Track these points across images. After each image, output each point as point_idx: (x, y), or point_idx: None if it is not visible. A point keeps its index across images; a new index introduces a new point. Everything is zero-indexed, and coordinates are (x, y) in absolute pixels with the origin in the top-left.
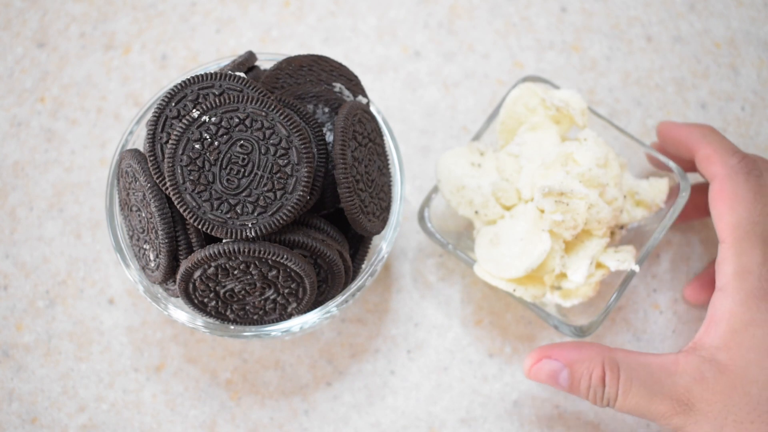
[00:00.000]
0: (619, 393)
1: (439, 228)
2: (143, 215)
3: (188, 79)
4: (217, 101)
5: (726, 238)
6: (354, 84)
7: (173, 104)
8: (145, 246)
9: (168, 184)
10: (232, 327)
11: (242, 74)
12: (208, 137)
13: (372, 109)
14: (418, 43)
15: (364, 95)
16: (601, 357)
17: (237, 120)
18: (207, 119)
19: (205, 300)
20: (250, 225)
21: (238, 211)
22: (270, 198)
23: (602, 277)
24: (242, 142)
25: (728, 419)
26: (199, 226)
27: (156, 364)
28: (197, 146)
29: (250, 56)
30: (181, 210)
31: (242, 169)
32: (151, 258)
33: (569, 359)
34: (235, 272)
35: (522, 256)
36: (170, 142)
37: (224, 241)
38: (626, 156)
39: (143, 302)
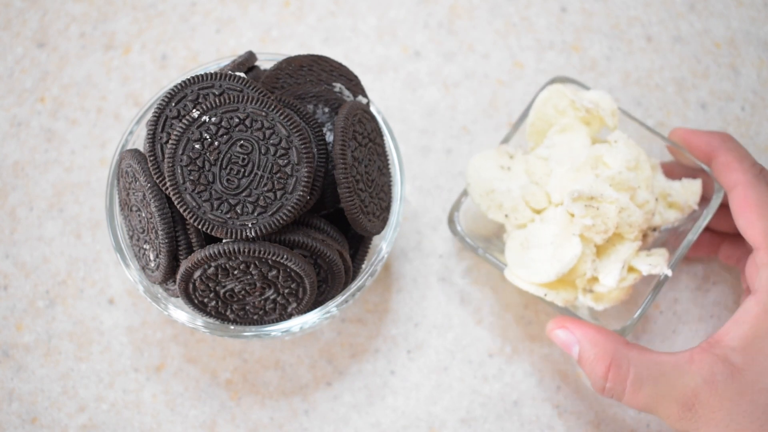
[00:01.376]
0: (627, 391)
1: (468, 231)
2: (143, 215)
3: (188, 79)
4: (217, 101)
5: (761, 245)
6: (354, 84)
7: (173, 104)
8: (145, 246)
9: (168, 184)
10: (232, 327)
11: (242, 74)
12: (208, 137)
13: (372, 109)
14: (418, 43)
15: (364, 95)
16: (612, 351)
17: (237, 120)
18: (207, 119)
19: (205, 300)
20: (250, 225)
21: (238, 211)
22: (270, 198)
23: (634, 281)
24: (242, 142)
25: (730, 428)
26: (199, 226)
27: (156, 364)
28: (197, 146)
29: (250, 56)
30: (181, 210)
31: (242, 169)
32: (151, 258)
33: (582, 338)
34: (235, 272)
35: (553, 260)
36: (170, 142)
37: (224, 241)
38: (658, 157)
39: (143, 302)
